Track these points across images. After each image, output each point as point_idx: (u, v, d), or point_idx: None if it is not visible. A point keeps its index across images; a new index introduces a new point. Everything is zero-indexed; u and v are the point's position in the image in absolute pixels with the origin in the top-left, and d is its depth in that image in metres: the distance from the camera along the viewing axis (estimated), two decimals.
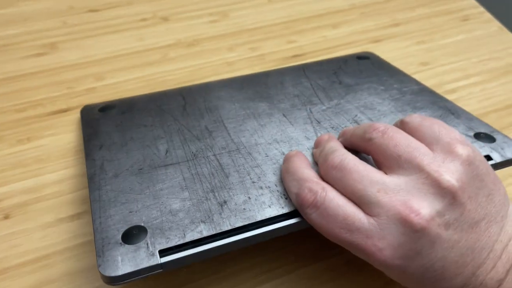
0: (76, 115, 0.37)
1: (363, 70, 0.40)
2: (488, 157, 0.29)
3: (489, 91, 0.42)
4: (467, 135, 0.31)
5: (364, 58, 0.43)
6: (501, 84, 0.43)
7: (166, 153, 0.30)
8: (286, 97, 0.36)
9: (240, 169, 0.28)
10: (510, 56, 0.47)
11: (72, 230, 0.29)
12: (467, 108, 0.40)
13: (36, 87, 0.40)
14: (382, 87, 0.37)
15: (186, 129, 0.32)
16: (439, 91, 0.42)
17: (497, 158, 0.29)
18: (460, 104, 0.40)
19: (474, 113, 0.39)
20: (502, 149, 0.29)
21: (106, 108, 0.36)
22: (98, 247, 0.23)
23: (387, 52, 0.46)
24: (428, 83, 0.43)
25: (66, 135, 0.36)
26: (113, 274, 0.22)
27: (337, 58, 0.43)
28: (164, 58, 0.43)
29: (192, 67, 0.42)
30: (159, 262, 0.22)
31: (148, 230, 0.24)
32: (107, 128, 0.33)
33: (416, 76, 0.43)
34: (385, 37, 0.48)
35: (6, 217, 0.30)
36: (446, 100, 0.35)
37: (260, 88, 0.38)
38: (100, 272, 0.22)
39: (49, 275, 0.27)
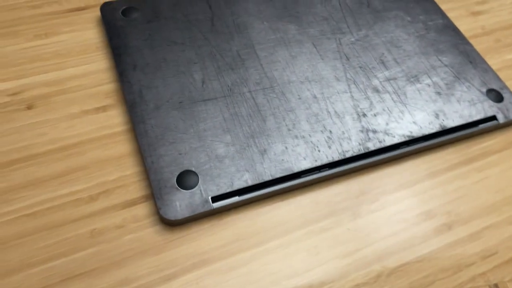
0: (95, 13, 0.35)
1: None
2: (494, 117, 0.32)
3: None
4: (480, 91, 0.33)
5: None
6: None
7: (203, 84, 0.31)
8: (315, 19, 0.36)
9: (275, 112, 0.30)
10: None
11: (98, 122, 0.30)
12: (499, 18, 0.41)
13: None
14: (408, 18, 0.37)
15: (218, 53, 0.32)
16: (470, 2, 0.42)
17: (501, 119, 0.32)
18: (491, 15, 0.41)
19: (507, 24, 0.41)
20: (507, 109, 0.33)
21: (129, 12, 0.34)
22: (156, 189, 0.26)
23: None
24: None
25: (86, 32, 0.34)
26: (173, 218, 0.25)
27: None
28: None
29: None
30: (212, 208, 0.26)
31: (200, 176, 0.27)
32: (136, 42, 0.32)
33: None
34: None
35: (29, 107, 0.30)
36: (467, 43, 0.36)
37: (287, 2, 0.37)
38: (161, 215, 0.25)
39: (79, 162, 0.28)
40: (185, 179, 0.26)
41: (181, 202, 0.26)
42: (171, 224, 0.26)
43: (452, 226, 0.28)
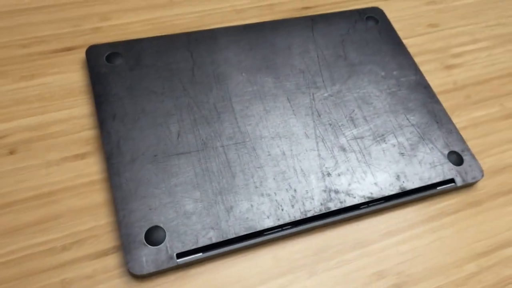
0: (81, 55, 0.37)
1: (369, 41, 0.41)
2: (452, 180, 0.34)
3: (494, 57, 0.44)
4: (442, 153, 0.35)
5: (372, 19, 0.43)
6: (507, 51, 0.45)
7: (178, 137, 0.32)
8: (292, 72, 0.37)
9: (245, 168, 0.32)
10: None
11: (76, 169, 0.31)
12: (472, 73, 0.43)
13: (40, 23, 0.37)
14: (382, 73, 0.39)
15: (195, 105, 0.34)
16: (445, 54, 0.44)
17: (458, 182, 0.34)
18: (464, 69, 0.43)
19: (479, 79, 0.43)
20: (466, 173, 0.35)
21: (113, 57, 0.35)
22: (125, 243, 0.28)
23: (396, 11, 0.45)
24: (435, 45, 0.44)
25: (71, 74, 0.36)
26: (139, 273, 0.27)
27: (346, 13, 0.43)
28: (171, 1, 0.40)
29: (201, 13, 0.40)
30: (176, 264, 0.28)
31: (167, 233, 0.29)
32: (118, 90, 0.34)
33: (424, 38, 0.44)
34: None
35: (12, 152, 0.32)
36: (436, 101, 0.38)
37: (267, 52, 0.38)
38: (128, 269, 0.27)
39: (55, 210, 0.29)
40: (153, 235, 0.28)
41: (148, 258, 0.28)
42: (138, 278, 0.28)
43: (401, 287, 0.30)
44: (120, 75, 0.35)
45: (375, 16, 0.43)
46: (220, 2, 0.42)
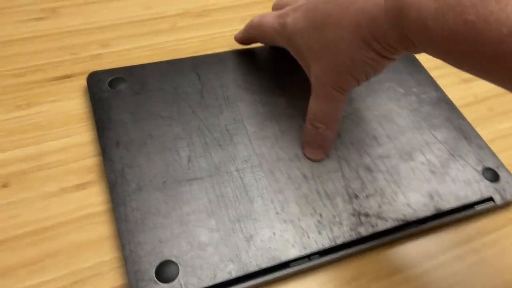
0: (80, 81, 0.34)
1: None
2: (491, 199, 0.31)
3: None
4: (475, 170, 0.32)
5: None
6: None
7: (189, 162, 0.29)
8: (306, 92, 0.35)
9: (263, 193, 0.29)
10: None
11: (76, 201, 0.28)
12: (490, 85, 0.39)
13: (36, 52, 0.35)
14: (401, 90, 0.37)
15: (206, 128, 0.31)
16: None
17: (498, 200, 0.31)
18: (483, 81, 0.40)
19: (499, 90, 0.39)
20: (504, 190, 0.32)
21: (115, 82, 0.33)
22: (132, 281, 0.24)
23: None
24: None
25: (70, 101, 0.33)
26: None
27: None
28: (173, 27, 0.39)
29: (204, 37, 0.39)
30: None
31: (180, 268, 0.25)
32: (121, 116, 0.31)
33: None
34: None
35: (5, 185, 0.28)
36: (461, 117, 0.36)
37: (279, 73, 0.36)
38: None
39: (52, 247, 0.26)
40: (165, 271, 0.25)
41: None
42: None
43: None
44: (124, 99, 0.32)
45: None
46: (223, 26, 0.40)
